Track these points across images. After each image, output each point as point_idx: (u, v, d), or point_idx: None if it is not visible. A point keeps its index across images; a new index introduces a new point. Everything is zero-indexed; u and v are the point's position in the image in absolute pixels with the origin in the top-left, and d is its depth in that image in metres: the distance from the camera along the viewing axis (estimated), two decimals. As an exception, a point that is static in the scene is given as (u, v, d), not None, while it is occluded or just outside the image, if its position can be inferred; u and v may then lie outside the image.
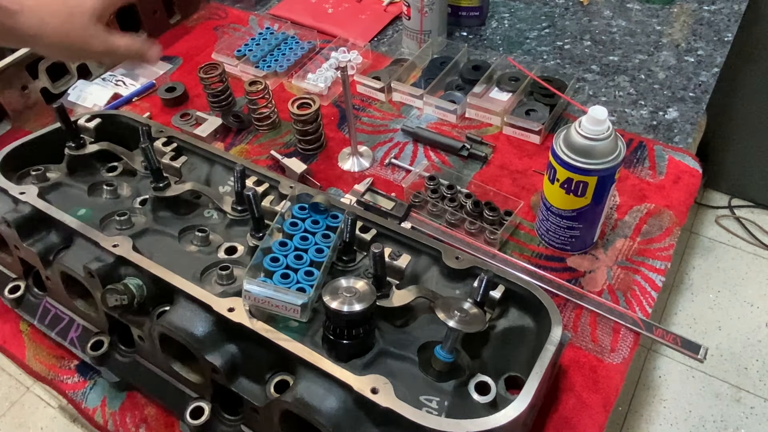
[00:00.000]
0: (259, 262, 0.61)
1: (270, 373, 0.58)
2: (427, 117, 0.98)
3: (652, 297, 0.73)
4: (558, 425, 0.63)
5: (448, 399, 0.56)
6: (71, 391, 0.71)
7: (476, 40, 1.13)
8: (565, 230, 0.75)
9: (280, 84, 1.06)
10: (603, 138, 0.65)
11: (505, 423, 0.49)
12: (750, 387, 1.58)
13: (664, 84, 1.00)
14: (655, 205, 0.83)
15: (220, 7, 1.26)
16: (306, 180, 0.88)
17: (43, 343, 0.75)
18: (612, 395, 0.65)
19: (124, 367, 0.68)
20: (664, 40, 1.08)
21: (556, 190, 0.71)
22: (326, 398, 0.51)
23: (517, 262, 0.76)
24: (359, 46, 1.10)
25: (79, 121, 0.82)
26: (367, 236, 0.66)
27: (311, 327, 0.60)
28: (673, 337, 0.69)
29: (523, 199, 0.83)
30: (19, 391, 1.71)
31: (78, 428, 1.59)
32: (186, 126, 0.97)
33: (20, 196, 0.68)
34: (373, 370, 0.56)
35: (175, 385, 0.64)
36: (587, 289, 0.74)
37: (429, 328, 0.62)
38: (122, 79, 1.09)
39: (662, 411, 1.55)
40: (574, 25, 1.13)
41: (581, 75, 1.03)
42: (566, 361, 0.68)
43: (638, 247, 0.78)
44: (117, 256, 0.62)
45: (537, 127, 0.90)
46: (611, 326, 0.71)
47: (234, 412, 0.62)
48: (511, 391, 0.57)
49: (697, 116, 0.95)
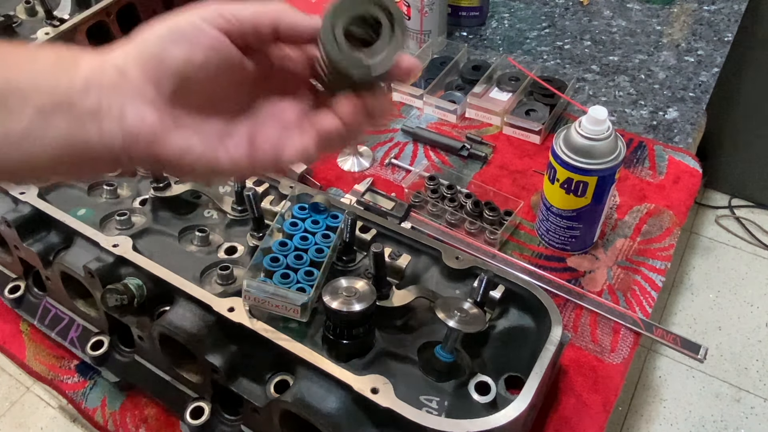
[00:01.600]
0: (259, 262, 0.61)
1: (270, 373, 0.58)
2: (427, 117, 0.98)
3: (652, 297, 0.73)
4: (558, 425, 0.63)
5: (448, 399, 0.56)
6: (71, 391, 0.71)
7: (476, 40, 1.13)
8: (565, 230, 0.75)
9: (280, 84, 1.06)
10: (603, 138, 0.65)
11: (505, 423, 0.49)
12: (750, 387, 1.58)
13: (664, 84, 1.00)
14: (655, 205, 0.83)
15: (220, 7, 1.26)
16: (306, 180, 0.88)
17: (43, 343, 0.75)
18: (612, 395, 0.65)
19: (124, 367, 0.68)
20: (664, 40, 1.08)
21: (556, 190, 0.71)
22: (326, 398, 0.51)
23: (517, 262, 0.76)
24: (359, 46, 1.10)
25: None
26: (367, 236, 0.66)
27: (311, 327, 0.60)
28: (673, 337, 0.69)
29: (523, 199, 0.83)
30: (19, 391, 1.71)
31: (78, 428, 1.59)
32: (186, 126, 0.97)
33: (20, 196, 0.68)
34: (373, 370, 0.56)
35: (175, 385, 0.64)
36: (587, 289, 0.74)
37: (429, 328, 0.62)
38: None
39: (662, 411, 1.55)
40: (574, 25, 1.13)
41: (581, 75, 1.03)
42: (566, 361, 0.68)
43: (638, 247, 0.78)
44: (117, 256, 0.62)
45: (537, 127, 0.90)
46: (611, 326, 0.71)
47: (234, 412, 0.62)
48: (511, 391, 0.57)
49: (697, 116, 0.95)
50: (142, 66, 0.35)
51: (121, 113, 0.35)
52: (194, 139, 0.37)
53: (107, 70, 0.35)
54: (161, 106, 0.36)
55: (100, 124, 0.34)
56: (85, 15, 1.03)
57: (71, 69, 0.35)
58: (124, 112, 0.35)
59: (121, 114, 0.35)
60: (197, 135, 0.37)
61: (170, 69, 0.35)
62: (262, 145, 0.39)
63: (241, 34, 0.37)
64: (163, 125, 0.36)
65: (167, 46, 0.35)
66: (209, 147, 0.37)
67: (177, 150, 0.36)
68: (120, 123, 0.35)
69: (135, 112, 0.35)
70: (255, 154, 0.39)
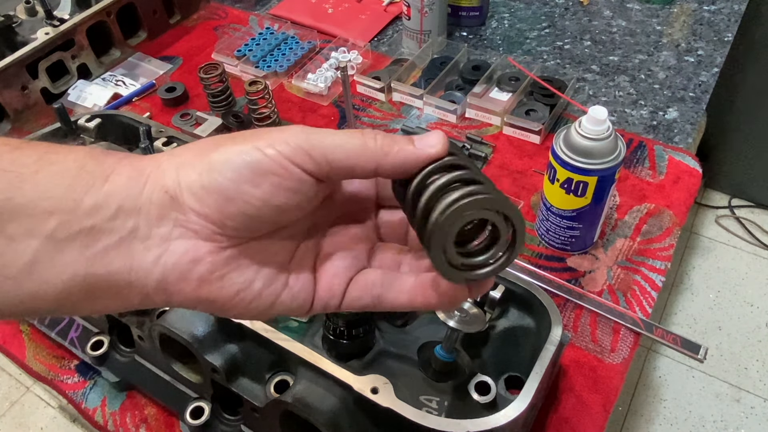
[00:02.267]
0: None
1: (270, 373, 0.58)
2: (427, 117, 0.98)
3: (652, 297, 0.73)
4: (558, 425, 0.63)
5: (448, 399, 0.56)
6: (71, 391, 0.71)
7: (476, 40, 1.13)
8: (565, 230, 0.75)
9: (280, 84, 1.06)
10: (603, 138, 0.65)
11: (505, 423, 0.49)
12: (750, 387, 1.58)
13: (664, 84, 1.00)
14: (655, 205, 0.83)
15: (220, 7, 1.26)
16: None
17: (43, 343, 0.75)
18: (612, 395, 0.65)
19: (124, 367, 0.68)
20: (664, 40, 1.08)
21: (556, 190, 0.71)
22: (326, 398, 0.51)
23: (517, 262, 0.76)
24: (359, 46, 1.10)
25: (79, 121, 0.82)
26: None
27: (311, 327, 0.60)
28: (673, 337, 0.69)
29: (523, 199, 0.83)
30: (19, 391, 1.71)
31: (78, 428, 1.59)
32: (186, 126, 0.97)
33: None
34: (373, 370, 0.56)
35: (175, 385, 0.64)
36: (587, 289, 0.74)
37: (429, 328, 0.62)
38: (122, 79, 1.09)
39: (662, 411, 1.55)
40: (574, 25, 1.13)
41: (581, 75, 1.03)
42: (566, 361, 0.68)
43: (638, 247, 0.78)
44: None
45: (537, 127, 0.90)
46: (611, 326, 0.71)
47: (234, 412, 0.62)
48: (511, 391, 0.57)
49: (697, 116, 0.95)
50: (204, 199, 0.28)
51: (165, 245, 0.28)
52: (252, 273, 0.31)
53: (152, 190, 0.28)
54: (220, 242, 0.29)
55: (131, 255, 0.28)
56: (85, 15, 1.03)
57: (97, 184, 0.27)
58: (169, 244, 0.28)
59: (164, 246, 0.28)
60: (256, 270, 0.31)
61: (240, 210, 0.28)
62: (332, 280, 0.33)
63: (329, 177, 0.30)
64: (220, 263, 0.29)
65: (243, 185, 0.28)
66: (268, 282, 0.31)
67: (233, 291, 0.30)
68: (162, 257, 0.28)
69: (185, 246, 0.28)
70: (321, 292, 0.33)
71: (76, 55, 1.06)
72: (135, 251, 0.28)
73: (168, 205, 0.28)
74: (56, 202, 0.26)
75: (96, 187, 0.27)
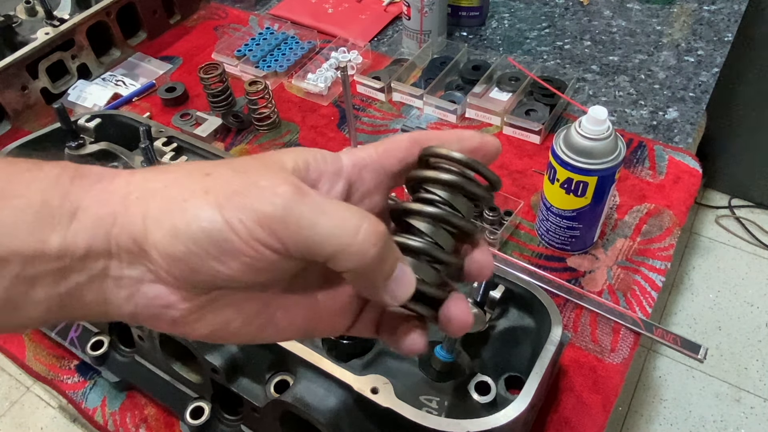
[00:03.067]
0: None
1: (270, 373, 0.58)
2: (427, 117, 0.98)
3: (652, 297, 0.73)
4: (558, 425, 0.63)
5: (448, 399, 0.56)
6: (71, 391, 0.71)
7: (476, 40, 1.13)
8: (565, 230, 0.75)
9: (280, 84, 1.06)
10: (603, 138, 0.65)
11: (505, 423, 0.49)
12: (750, 387, 1.58)
13: (664, 84, 1.00)
14: (655, 205, 0.83)
15: (220, 7, 1.26)
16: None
17: (43, 343, 0.75)
18: (612, 395, 0.65)
19: (124, 367, 0.68)
20: (664, 40, 1.08)
21: (556, 190, 0.71)
22: (326, 398, 0.51)
23: (517, 262, 0.76)
24: (359, 46, 1.10)
25: (79, 121, 0.82)
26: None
27: (311, 327, 0.60)
28: (673, 337, 0.69)
29: (523, 199, 0.83)
30: (19, 391, 1.71)
31: (78, 428, 1.59)
32: (186, 126, 0.97)
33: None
34: (373, 370, 0.56)
35: (175, 385, 0.64)
36: (587, 289, 0.74)
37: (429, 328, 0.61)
38: (122, 79, 1.09)
39: (662, 411, 1.55)
40: (574, 25, 1.13)
41: (581, 75, 1.03)
42: (566, 361, 0.68)
43: (638, 247, 0.78)
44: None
45: (537, 127, 0.90)
46: (611, 326, 0.71)
47: (234, 412, 0.62)
48: (511, 391, 0.57)
49: (697, 116, 0.95)
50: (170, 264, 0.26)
51: (137, 286, 0.27)
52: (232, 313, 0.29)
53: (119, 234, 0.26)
54: (194, 292, 0.28)
55: (104, 291, 0.27)
56: (85, 15, 1.03)
57: (63, 222, 0.26)
58: (141, 286, 0.27)
59: (136, 287, 0.27)
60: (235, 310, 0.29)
61: (209, 281, 0.27)
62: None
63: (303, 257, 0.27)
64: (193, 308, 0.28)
65: (209, 261, 0.26)
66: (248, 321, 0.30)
67: (207, 331, 0.29)
68: (134, 296, 0.28)
69: (156, 291, 0.27)
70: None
71: (76, 55, 1.06)
72: (107, 288, 0.27)
73: (137, 254, 0.27)
74: (20, 243, 0.25)
75: (62, 226, 0.26)
